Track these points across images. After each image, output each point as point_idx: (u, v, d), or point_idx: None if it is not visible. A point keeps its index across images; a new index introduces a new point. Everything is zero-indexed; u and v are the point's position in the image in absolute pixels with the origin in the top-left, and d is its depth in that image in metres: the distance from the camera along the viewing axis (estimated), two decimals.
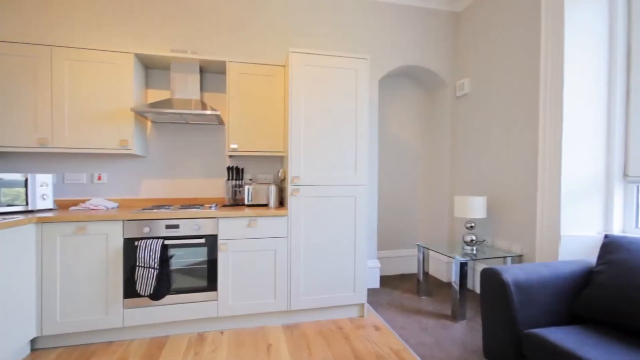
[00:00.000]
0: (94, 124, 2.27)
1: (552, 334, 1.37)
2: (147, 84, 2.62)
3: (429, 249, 2.76)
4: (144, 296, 2.05)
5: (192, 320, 2.20)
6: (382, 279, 3.35)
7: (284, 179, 2.54)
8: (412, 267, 3.57)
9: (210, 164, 2.75)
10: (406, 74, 3.47)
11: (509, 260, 2.48)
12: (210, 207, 2.40)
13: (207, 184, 2.75)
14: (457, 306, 2.38)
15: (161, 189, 2.67)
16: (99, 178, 2.54)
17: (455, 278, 2.37)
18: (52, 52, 2.20)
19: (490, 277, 1.62)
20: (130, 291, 2.06)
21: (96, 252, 2.01)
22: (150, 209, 2.28)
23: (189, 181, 2.72)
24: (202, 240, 2.16)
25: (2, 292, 1.68)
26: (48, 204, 2.25)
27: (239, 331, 2.22)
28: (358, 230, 2.40)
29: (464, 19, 3.17)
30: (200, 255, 2.16)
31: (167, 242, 2.10)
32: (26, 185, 2.15)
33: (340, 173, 2.36)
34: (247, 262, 2.23)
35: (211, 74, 2.74)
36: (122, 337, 2.11)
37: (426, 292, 2.90)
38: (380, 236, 3.49)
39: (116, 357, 1.90)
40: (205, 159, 2.75)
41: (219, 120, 2.55)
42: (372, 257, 3.08)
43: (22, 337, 1.82)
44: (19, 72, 2.17)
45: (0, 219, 1.78)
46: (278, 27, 2.84)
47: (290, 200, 2.28)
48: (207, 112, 2.30)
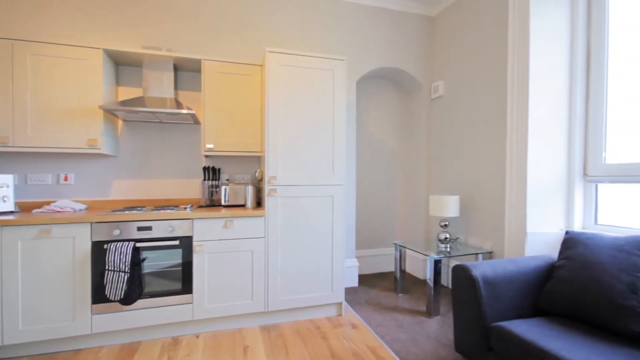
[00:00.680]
0: (60, 122, 2.17)
1: (516, 327, 1.43)
2: (117, 81, 2.53)
3: (405, 247, 2.82)
4: (114, 301, 1.98)
5: (166, 325, 2.14)
6: (361, 277, 3.39)
7: (261, 179, 2.52)
8: (391, 265, 3.63)
9: (185, 164, 2.69)
10: (384, 76, 3.53)
11: (480, 257, 2.57)
12: (186, 208, 2.34)
13: (183, 184, 2.69)
14: (432, 302, 2.45)
15: (134, 190, 2.58)
16: (66, 179, 2.43)
17: (430, 275, 2.43)
18: (14, 47, 2.08)
19: (460, 273, 1.68)
20: (99, 296, 1.98)
21: (62, 256, 1.92)
22: (121, 210, 2.20)
23: (164, 182, 2.65)
24: (177, 242, 2.11)
25: None
26: (9, 207, 2.12)
27: (215, 334, 2.19)
28: (336, 230, 2.42)
29: (438, 23, 3.26)
30: (175, 257, 2.11)
31: (139, 244, 2.03)
32: None
33: (317, 173, 2.37)
34: (224, 264, 2.20)
35: (186, 72, 2.68)
36: (91, 344, 2.02)
37: (403, 289, 2.96)
38: (359, 235, 3.53)
39: None
40: (181, 159, 2.68)
41: (194, 119, 2.50)
42: (351, 256, 3.11)
43: None
44: None
45: None
46: (255, 27, 2.82)
47: (268, 200, 2.27)
48: (183, 111, 2.25)
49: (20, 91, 2.10)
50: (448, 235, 2.71)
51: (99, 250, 1.97)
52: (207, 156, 2.70)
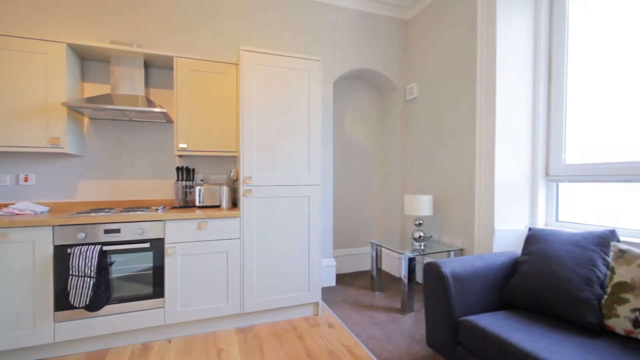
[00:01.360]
0: (20, 119, 2.04)
1: (482, 320, 1.50)
2: (83, 77, 2.42)
3: (381, 246, 2.87)
4: (79, 308, 1.89)
5: (137, 330, 2.07)
6: (339, 276, 3.42)
7: (236, 180, 2.49)
8: (368, 264, 3.68)
9: (158, 164, 2.61)
10: (360, 77, 3.57)
11: (452, 254, 2.66)
12: (158, 209, 2.27)
13: (155, 185, 2.61)
14: (406, 300, 2.51)
15: (102, 191, 2.47)
16: (26, 179, 2.29)
17: (404, 273, 2.49)
18: None
19: (431, 270, 1.73)
20: (62, 303, 1.88)
21: (21, 261, 1.81)
22: (87, 212, 2.10)
23: (134, 182, 2.55)
24: (147, 245, 2.04)
25: None
26: None
27: (188, 338, 2.13)
28: (312, 230, 2.42)
29: (412, 27, 3.34)
30: (146, 260, 2.04)
31: (106, 247, 1.95)
32: None
33: (293, 173, 2.37)
34: (198, 266, 2.15)
35: (157, 69, 2.59)
36: (54, 353, 1.92)
37: (380, 287, 3.01)
38: (336, 235, 3.56)
39: None
40: (153, 158, 2.60)
41: (166, 118, 2.42)
42: (328, 256, 3.13)
43: None
44: None
45: None
46: (230, 24, 2.77)
47: (243, 200, 2.24)
48: (155, 109, 2.17)
49: None
50: (422, 234, 2.78)
51: (62, 255, 1.88)
52: (180, 156, 2.63)
